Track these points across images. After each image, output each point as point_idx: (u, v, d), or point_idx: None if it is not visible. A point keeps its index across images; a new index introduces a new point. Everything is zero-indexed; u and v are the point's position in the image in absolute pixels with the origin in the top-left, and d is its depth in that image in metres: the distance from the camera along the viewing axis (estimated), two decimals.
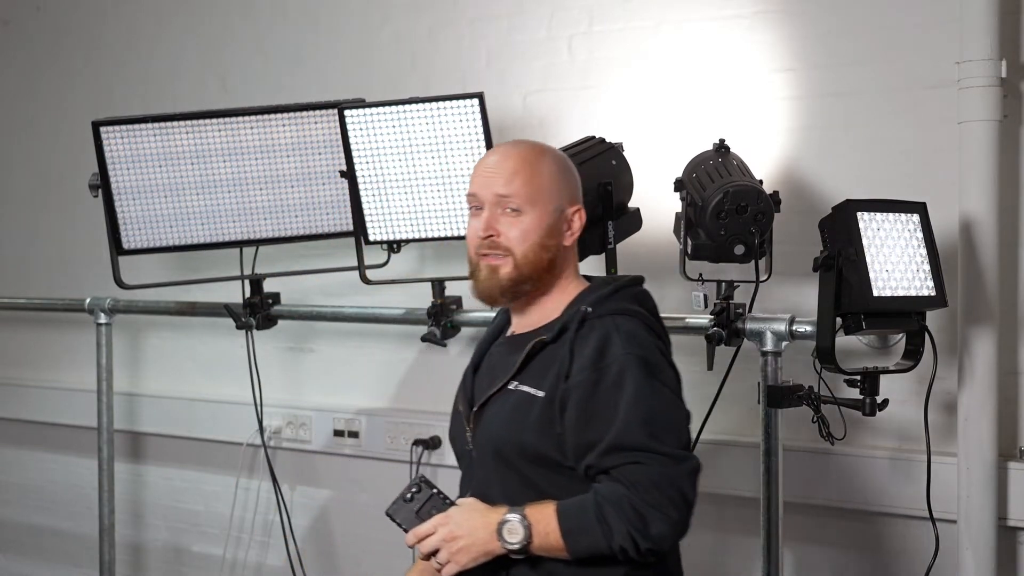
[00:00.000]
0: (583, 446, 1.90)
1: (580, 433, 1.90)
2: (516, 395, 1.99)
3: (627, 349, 1.92)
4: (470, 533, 1.90)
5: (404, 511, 1.96)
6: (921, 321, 2.29)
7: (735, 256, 2.34)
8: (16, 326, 4.24)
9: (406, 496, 1.95)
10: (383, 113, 2.81)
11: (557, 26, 3.09)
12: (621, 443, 1.86)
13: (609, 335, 1.94)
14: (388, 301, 3.18)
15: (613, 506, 1.84)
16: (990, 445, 2.48)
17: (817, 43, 2.75)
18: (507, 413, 1.99)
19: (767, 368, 2.43)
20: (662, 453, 1.86)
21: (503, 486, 1.97)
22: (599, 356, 1.92)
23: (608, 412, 1.88)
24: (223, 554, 3.70)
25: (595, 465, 1.89)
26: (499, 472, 1.99)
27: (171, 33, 3.80)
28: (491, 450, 2.00)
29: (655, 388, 1.91)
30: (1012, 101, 2.53)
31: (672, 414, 1.93)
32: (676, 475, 1.86)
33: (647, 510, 1.83)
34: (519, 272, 2.02)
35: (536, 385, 1.97)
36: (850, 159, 2.70)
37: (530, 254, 2.01)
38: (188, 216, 3.05)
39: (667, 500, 1.84)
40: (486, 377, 2.10)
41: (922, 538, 2.52)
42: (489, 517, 1.90)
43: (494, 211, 2.03)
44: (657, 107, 2.93)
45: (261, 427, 3.41)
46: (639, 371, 1.90)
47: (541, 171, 2.03)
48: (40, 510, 4.19)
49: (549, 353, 1.98)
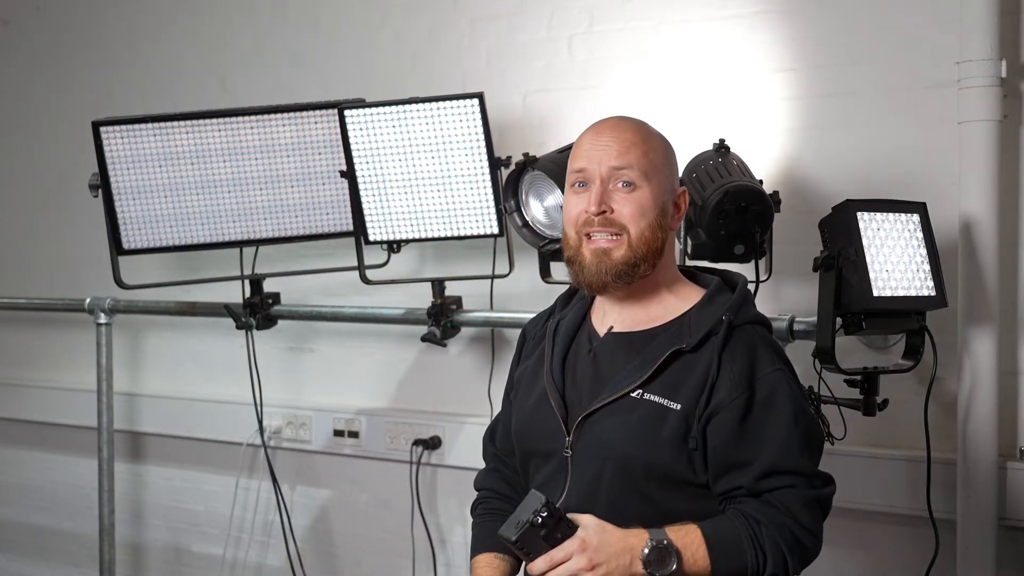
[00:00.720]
0: (731, 466, 1.80)
1: (730, 453, 1.80)
2: (644, 406, 1.83)
3: (776, 364, 1.84)
4: (611, 559, 1.73)
5: (529, 536, 1.73)
6: (921, 321, 2.29)
7: (735, 256, 2.34)
8: (16, 326, 4.24)
9: (534, 521, 1.71)
10: (383, 113, 2.80)
11: (557, 26, 3.09)
12: (780, 466, 1.79)
13: (755, 348, 1.84)
14: (388, 301, 3.18)
15: (772, 531, 1.77)
16: (990, 445, 2.48)
17: (817, 43, 2.75)
18: (633, 425, 1.82)
19: None
20: (815, 475, 1.83)
21: (613, 499, 1.83)
22: (751, 371, 1.81)
23: (763, 433, 1.79)
24: (223, 554, 3.70)
25: (747, 487, 1.80)
26: (612, 485, 1.84)
27: (171, 33, 3.80)
28: (609, 463, 1.84)
29: (805, 407, 1.86)
30: (1012, 101, 2.53)
31: (819, 432, 1.90)
32: (823, 497, 1.84)
33: (803, 534, 1.80)
34: (634, 254, 1.85)
35: (670, 396, 1.82)
36: (850, 159, 2.70)
37: (647, 232, 1.86)
38: (188, 216, 3.04)
39: (817, 523, 1.82)
40: (588, 377, 1.91)
41: (922, 538, 2.52)
42: (629, 542, 1.74)
43: (605, 186, 1.87)
44: (657, 107, 2.92)
45: (261, 427, 3.41)
46: (789, 389, 1.83)
47: (655, 147, 1.92)
48: (40, 510, 4.19)
49: (685, 362, 1.83)
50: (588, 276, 1.88)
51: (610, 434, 1.84)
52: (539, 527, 1.72)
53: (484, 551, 2.03)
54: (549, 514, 1.72)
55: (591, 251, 1.87)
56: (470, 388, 3.22)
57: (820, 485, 1.83)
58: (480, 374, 3.18)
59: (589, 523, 1.76)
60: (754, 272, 2.39)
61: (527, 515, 1.72)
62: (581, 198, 1.89)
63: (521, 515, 1.74)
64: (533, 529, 1.72)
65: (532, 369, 2.03)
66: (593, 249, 1.87)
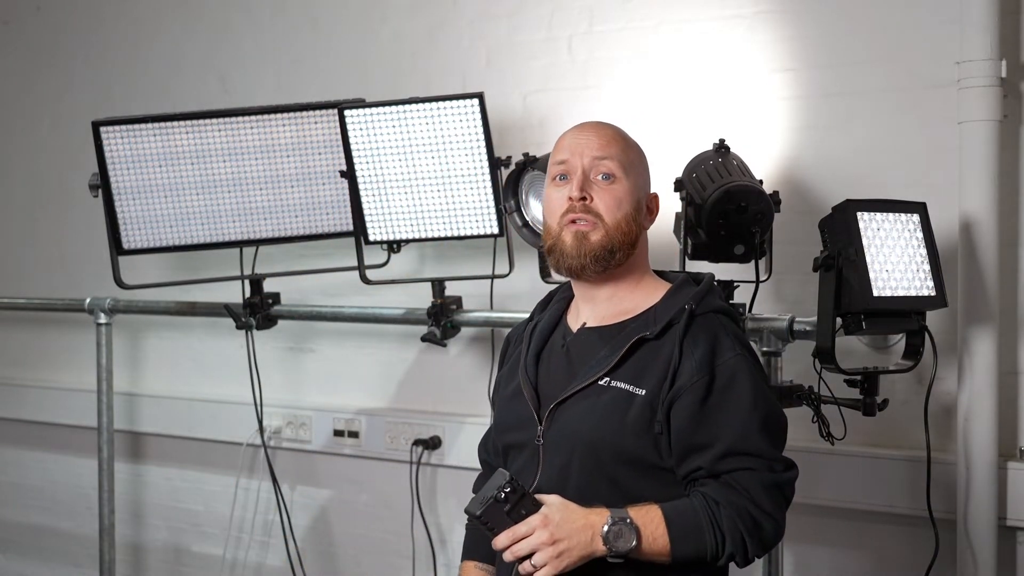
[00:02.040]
0: (691, 448, 1.84)
1: (690, 435, 1.84)
2: (611, 392, 1.88)
3: (737, 350, 1.88)
4: (572, 535, 1.78)
5: (493, 512, 1.78)
6: (921, 321, 2.28)
7: (735, 256, 2.34)
8: (16, 326, 4.24)
9: (498, 496, 1.77)
10: (383, 113, 2.80)
11: (557, 26, 3.09)
12: (738, 448, 1.83)
13: (717, 335, 1.89)
14: (388, 301, 3.18)
15: (731, 512, 1.81)
16: (990, 445, 2.48)
17: (817, 43, 2.75)
18: (600, 411, 1.88)
19: (767, 368, 2.43)
20: (775, 459, 1.86)
21: (582, 485, 1.87)
22: (712, 356, 1.86)
23: (722, 415, 1.84)
24: (223, 554, 3.70)
25: (706, 468, 1.84)
26: (582, 470, 1.88)
27: (171, 33, 3.80)
28: (577, 449, 1.89)
29: (765, 392, 1.89)
30: (1012, 101, 2.53)
31: (781, 418, 1.92)
32: (785, 481, 1.87)
33: (762, 516, 1.83)
34: (610, 239, 1.92)
35: (635, 383, 1.87)
36: (850, 159, 2.70)
37: (623, 223, 1.93)
38: (188, 216, 3.05)
39: (777, 507, 1.85)
40: (561, 369, 1.97)
41: (922, 538, 2.51)
42: (591, 519, 1.79)
43: (587, 177, 1.94)
44: (657, 107, 2.93)
45: (261, 427, 3.41)
46: (750, 373, 1.88)
47: (632, 146, 2.02)
48: (40, 510, 4.19)
49: (650, 350, 1.89)
50: (568, 259, 1.94)
51: (578, 420, 1.90)
52: (503, 502, 1.77)
53: (470, 559, 2.13)
54: (512, 490, 1.77)
55: (571, 234, 1.93)
56: (470, 388, 3.22)
57: (781, 469, 1.87)
58: (480, 374, 3.18)
59: (553, 501, 1.82)
60: (754, 272, 2.39)
61: (491, 491, 1.78)
62: (562, 190, 1.96)
63: (486, 492, 1.79)
64: (497, 505, 1.77)
65: (510, 368, 2.10)
66: (574, 232, 1.93)
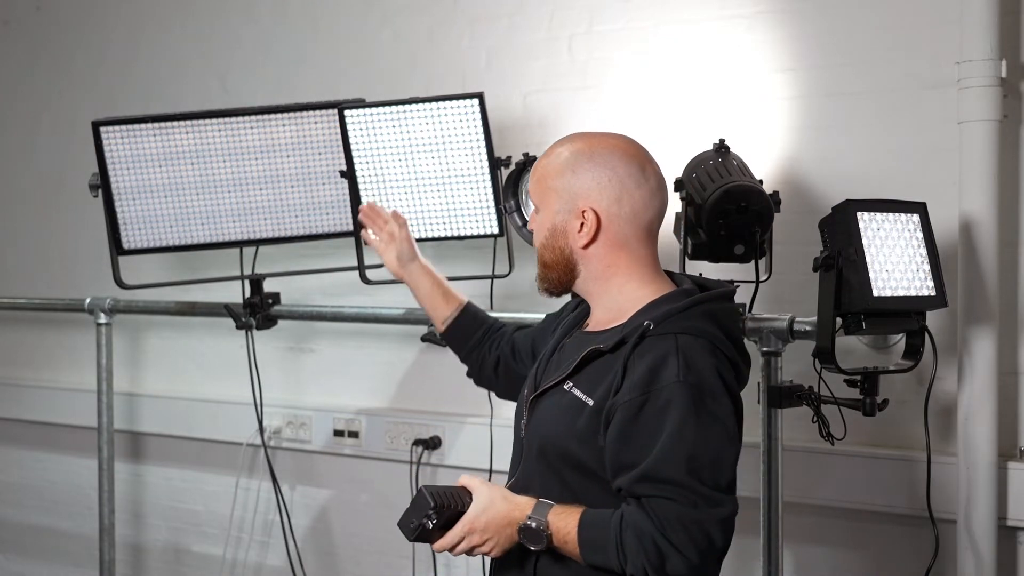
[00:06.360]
0: (618, 466, 1.85)
1: (618, 453, 1.84)
2: (569, 397, 1.92)
3: (681, 375, 1.81)
4: (498, 532, 1.89)
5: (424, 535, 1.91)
6: (921, 321, 2.28)
7: (735, 256, 2.34)
8: (16, 326, 4.24)
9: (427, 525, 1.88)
10: (383, 113, 2.81)
11: (557, 26, 3.09)
12: (656, 474, 1.79)
13: (666, 357, 1.84)
14: (388, 301, 3.18)
15: (635, 536, 1.80)
16: (990, 445, 2.48)
17: (817, 43, 2.75)
18: (558, 413, 1.94)
19: (767, 368, 2.43)
20: (697, 493, 1.78)
21: (543, 484, 1.94)
22: (651, 378, 1.82)
23: (648, 438, 1.80)
24: (223, 554, 3.70)
25: (626, 489, 1.83)
26: (540, 469, 1.96)
27: (171, 33, 3.80)
28: (537, 446, 1.96)
29: (703, 422, 1.81)
30: (1012, 101, 2.53)
31: (717, 452, 1.82)
32: (706, 519, 1.79)
33: (668, 549, 1.77)
34: (540, 270, 2.03)
35: (588, 392, 1.90)
36: (850, 159, 2.70)
37: (540, 253, 2.01)
38: (188, 216, 3.05)
39: (690, 542, 1.78)
40: (555, 366, 2.03)
41: (922, 538, 2.51)
42: (513, 515, 1.88)
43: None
44: (657, 107, 2.93)
45: (261, 427, 3.41)
46: (689, 401, 1.80)
47: (552, 171, 1.97)
48: (40, 510, 4.19)
49: (606, 362, 1.90)
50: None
51: (543, 419, 1.97)
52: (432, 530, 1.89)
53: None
54: (437, 513, 1.88)
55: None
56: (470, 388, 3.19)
57: (703, 505, 1.79)
58: None
59: (477, 502, 1.90)
60: (754, 272, 2.39)
61: (419, 518, 1.88)
62: None
63: (412, 517, 1.89)
64: (426, 531, 1.89)
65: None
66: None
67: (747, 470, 2.63)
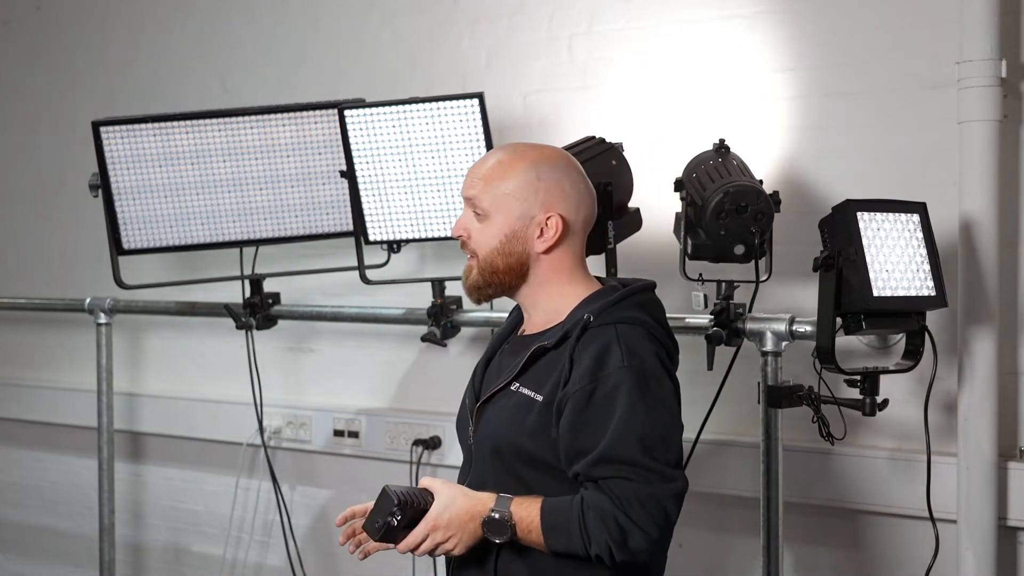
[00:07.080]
0: (574, 453, 1.91)
1: (572, 441, 1.91)
2: (516, 397, 2.00)
3: (625, 361, 1.91)
4: (460, 528, 1.93)
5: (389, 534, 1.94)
6: (921, 321, 2.29)
7: (735, 256, 2.34)
8: (16, 326, 4.24)
9: (391, 523, 1.92)
10: (383, 113, 2.81)
11: (557, 26, 3.09)
12: (612, 455, 1.87)
13: (609, 345, 1.93)
14: (388, 301, 3.18)
15: (596, 516, 1.86)
16: (990, 445, 2.48)
17: (817, 43, 2.75)
18: (507, 414, 2.00)
19: (767, 368, 2.43)
20: (652, 470, 1.87)
21: (498, 483, 1.99)
22: (598, 366, 1.91)
23: (600, 423, 1.89)
24: (223, 554, 3.70)
25: (584, 473, 1.90)
26: (495, 469, 2.01)
27: (171, 33, 3.80)
28: (489, 448, 2.02)
29: (650, 403, 1.90)
30: (1012, 101, 2.53)
31: (666, 431, 1.93)
32: (662, 494, 1.87)
33: (629, 525, 1.85)
34: (481, 276, 2.04)
35: (536, 389, 1.97)
36: (850, 159, 2.70)
37: (491, 258, 2.03)
38: (188, 216, 3.05)
39: (649, 518, 1.86)
40: (495, 374, 2.11)
41: (922, 538, 2.51)
42: (475, 510, 1.93)
43: (468, 212, 2.05)
44: (657, 107, 2.93)
45: (261, 427, 3.41)
46: (635, 384, 1.90)
47: (510, 178, 2.00)
48: (40, 510, 4.19)
49: (551, 358, 1.98)
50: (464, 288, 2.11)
51: (492, 421, 2.03)
52: (396, 527, 1.92)
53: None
54: (401, 510, 1.91)
55: (464, 266, 2.10)
56: None
57: (657, 481, 1.87)
58: None
59: (439, 500, 1.94)
60: (754, 272, 2.39)
61: (383, 517, 1.92)
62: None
63: (377, 517, 1.93)
64: (391, 530, 1.93)
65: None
66: (465, 264, 2.09)
67: (747, 470, 2.65)
